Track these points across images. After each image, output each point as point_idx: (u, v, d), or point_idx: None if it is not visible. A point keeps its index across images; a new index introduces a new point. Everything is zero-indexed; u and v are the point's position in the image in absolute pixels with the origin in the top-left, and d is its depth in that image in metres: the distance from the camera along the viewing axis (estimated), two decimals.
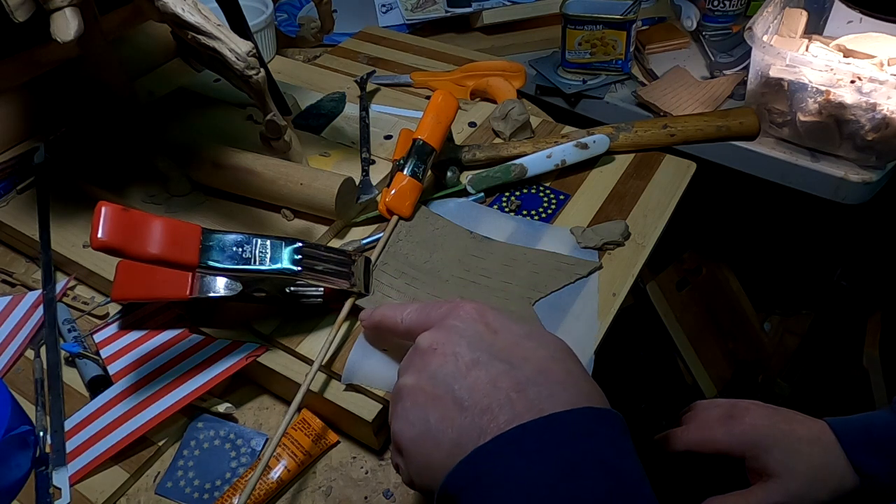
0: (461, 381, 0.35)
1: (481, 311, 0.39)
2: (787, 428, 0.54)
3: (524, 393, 0.34)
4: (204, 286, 0.54)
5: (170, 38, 0.85)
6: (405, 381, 0.38)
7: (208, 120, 0.75)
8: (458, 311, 0.39)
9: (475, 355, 0.36)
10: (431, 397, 0.36)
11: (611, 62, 1.11)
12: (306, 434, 0.52)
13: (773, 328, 1.41)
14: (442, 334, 0.38)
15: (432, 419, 0.35)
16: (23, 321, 0.61)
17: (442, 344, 0.37)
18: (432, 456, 0.35)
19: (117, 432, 0.51)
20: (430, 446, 0.35)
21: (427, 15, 1.20)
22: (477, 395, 0.34)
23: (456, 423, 0.34)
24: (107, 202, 0.42)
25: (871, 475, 0.51)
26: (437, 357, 0.37)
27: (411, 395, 0.37)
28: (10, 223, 0.66)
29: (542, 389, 0.34)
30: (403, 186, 0.62)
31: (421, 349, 0.38)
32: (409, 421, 0.36)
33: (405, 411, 0.36)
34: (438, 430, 0.35)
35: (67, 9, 0.49)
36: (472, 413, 0.34)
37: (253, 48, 0.53)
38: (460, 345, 0.37)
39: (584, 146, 0.69)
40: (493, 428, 0.33)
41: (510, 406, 0.34)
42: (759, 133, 0.70)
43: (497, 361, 0.36)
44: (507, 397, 0.34)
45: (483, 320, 0.38)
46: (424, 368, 0.37)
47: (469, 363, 0.36)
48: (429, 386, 0.36)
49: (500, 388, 0.34)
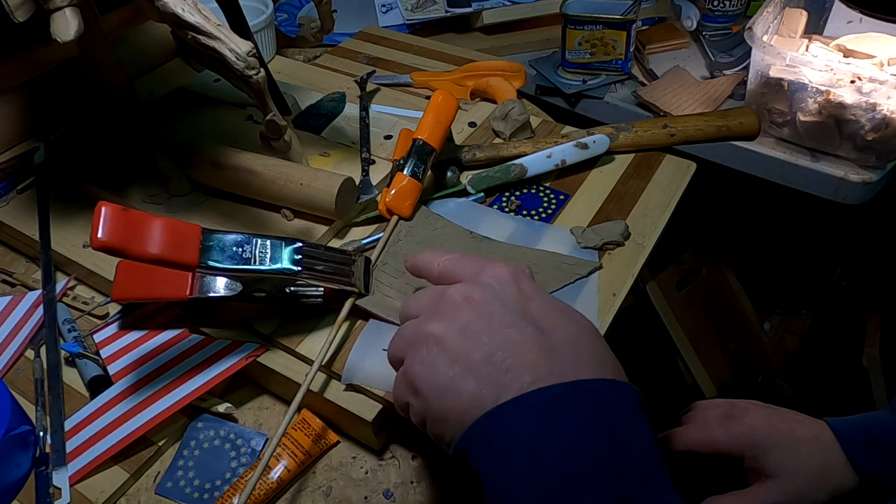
0: (491, 338, 0.36)
1: (516, 274, 0.40)
2: (786, 428, 0.54)
3: (551, 358, 0.35)
4: (204, 286, 0.54)
5: (170, 38, 0.85)
6: (432, 328, 0.37)
7: (208, 120, 0.76)
8: (495, 270, 0.40)
9: (508, 316, 0.37)
10: (459, 349, 0.36)
11: (611, 62, 1.11)
12: (306, 434, 0.52)
13: (773, 328, 1.41)
14: (477, 290, 0.38)
15: (457, 369, 0.36)
16: (23, 321, 0.61)
17: (476, 300, 0.38)
18: (450, 406, 0.35)
19: (117, 432, 0.51)
20: (450, 396, 0.35)
21: (427, 15, 1.20)
22: (504, 353, 0.35)
23: (479, 377, 0.35)
24: (107, 202, 0.42)
25: (871, 475, 0.51)
26: (470, 311, 0.37)
27: (438, 342, 0.37)
28: (10, 223, 0.66)
29: (569, 358, 0.35)
30: (403, 186, 0.62)
31: (453, 300, 0.38)
32: (433, 367, 0.36)
33: (431, 357, 0.37)
34: (461, 381, 0.35)
35: (67, 9, 0.49)
36: (497, 369, 0.35)
37: (253, 48, 0.53)
38: (494, 304, 0.37)
39: (584, 146, 0.69)
40: (515, 386, 0.34)
41: (535, 368, 0.34)
42: (759, 133, 0.70)
43: (528, 325, 0.36)
44: (534, 359, 0.35)
45: (517, 284, 0.39)
46: (455, 319, 0.37)
47: (501, 322, 0.36)
48: (458, 338, 0.36)
49: (528, 349, 0.35)
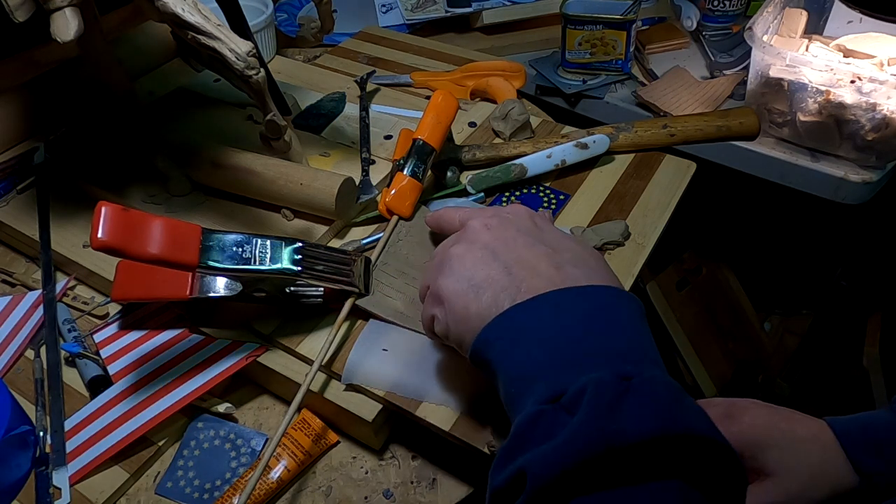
0: (509, 253, 0.41)
1: (530, 212, 0.45)
2: (785, 427, 0.54)
3: (562, 269, 0.39)
4: (204, 286, 0.54)
5: (170, 38, 0.85)
6: (455, 250, 0.42)
7: (208, 120, 0.75)
8: (512, 207, 0.45)
9: (524, 238, 0.42)
10: (480, 260, 0.41)
11: (611, 62, 1.11)
12: (306, 434, 0.52)
13: (773, 328, 1.41)
14: (495, 219, 0.43)
15: (478, 276, 0.40)
16: (23, 321, 0.61)
17: (494, 226, 0.43)
18: (471, 308, 0.40)
19: (117, 432, 0.51)
20: (471, 298, 0.40)
21: (427, 15, 1.20)
22: (521, 263, 0.40)
23: (498, 282, 0.39)
24: (107, 202, 0.42)
25: (871, 475, 0.51)
26: (489, 234, 0.42)
27: (461, 259, 0.41)
28: (10, 223, 0.66)
29: (579, 271, 0.40)
30: (403, 186, 0.62)
31: (473, 227, 0.43)
32: (455, 276, 0.41)
33: (452, 270, 0.41)
34: (481, 285, 0.40)
35: (67, 9, 0.49)
36: (514, 278, 0.39)
37: (253, 48, 0.53)
38: (510, 229, 0.42)
39: (584, 146, 0.69)
40: (531, 287, 0.38)
41: (548, 278, 0.39)
42: (759, 133, 0.70)
43: (542, 245, 0.41)
44: (546, 269, 0.39)
45: (532, 219, 0.44)
46: (476, 240, 0.42)
47: (519, 242, 0.41)
48: (479, 252, 0.41)
49: (541, 262, 0.40)
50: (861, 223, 1.27)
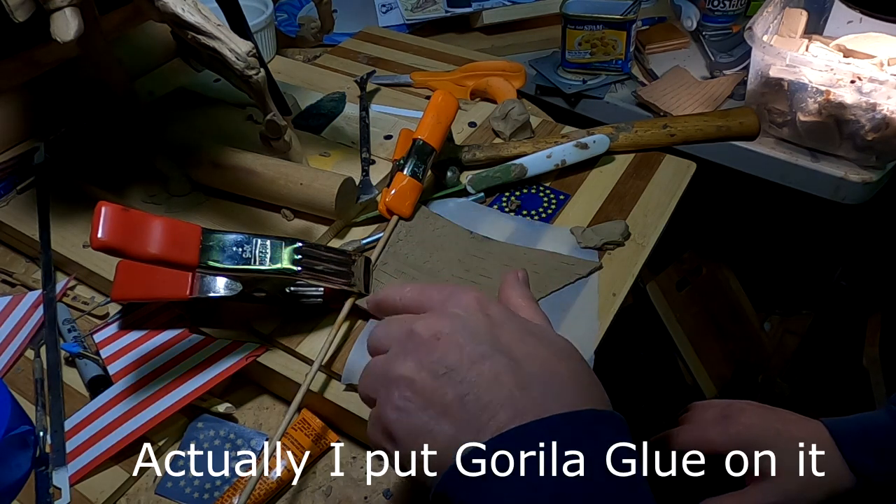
0: (463, 375, 0.34)
1: (482, 301, 0.37)
2: (782, 428, 0.54)
3: (527, 391, 0.33)
4: (204, 286, 0.54)
5: (170, 38, 0.85)
6: (403, 370, 0.35)
7: (208, 120, 0.76)
8: (459, 298, 0.38)
9: (479, 349, 0.35)
10: (431, 390, 0.34)
11: (611, 62, 1.11)
12: (306, 434, 0.52)
13: (773, 328, 1.41)
14: (445, 323, 0.36)
15: (431, 413, 0.34)
16: (23, 321, 0.61)
17: (445, 334, 0.35)
18: (425, 446, 0.34)
19: (117, 432, 0.51)
20: (426, 439, 0.34)
21: (427, 15, 1.20)
22: (479, 390, 0.33)
23: (455, 418, 0.33)
24: (107, 202, 0.42)
25: (868, 475, 0.51)
26: (439, 347, 0.35)
27: (410, 385, 0.35)
28: (10, 223, 0.66)
29: (547, 388, 0.34)
30: (403, 186, 0.62)
31: (421, 337, 0.36)
32: (406, 411, 0.34)
33: (403, 401, 0.35)
34: (436, 425, 0.34)
35: (67, 9, 0.49)
36: (473, 408, 0.33)
37: (253, 48, 0.53)
38: (464, 336, 0.35)
39: (584, 146, 0.69)
40: (492, 425, 0.32)
41: (512, 404, 0.33)
42: (759, 133, 0.70)
43: (501, 356, 0.34)
44: (509, 394, 0.33)
45: (484, 311, 0.37)
46: (426, 358, 0.35)
47: (473, 357, 0.34)
48: (430, 378, 0.34)
49: (503, 384, 0.33)
50: (861, 223, 1.27)
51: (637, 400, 1.26)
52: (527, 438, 0.32)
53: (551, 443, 0.31)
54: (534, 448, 0.31)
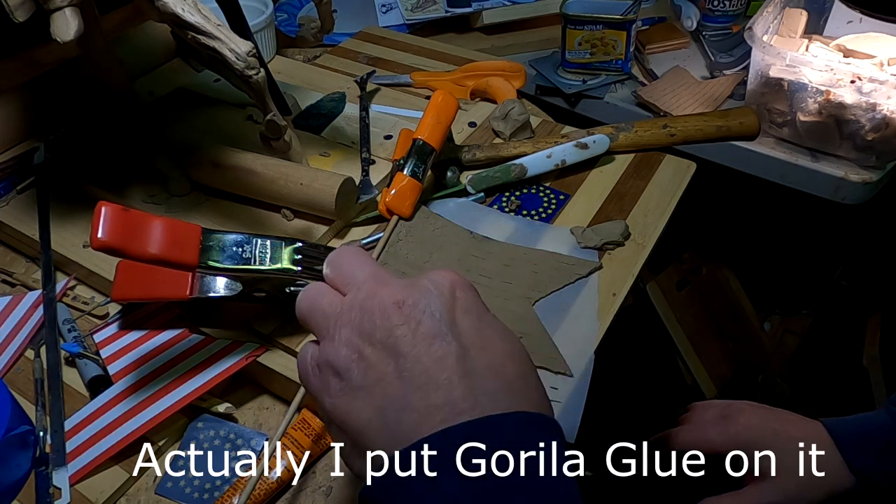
0: (408, 350, 0.33)
1: (455, 283, 0.36)
2: (780, 428, 0.54)
3: (467, 379, 0.32)
4: (204, 286, 0.54)
5: (170, 38, 0.85)
6: (354, 327, 0.35)
7: (208, 120, 0.76)
8: (436, 274, 0.36)
9: (434, 327, 0.33)
10: (375, 358, 0.33)
11: (611, 62, 1.11)
12: (306, 434, 0.52)
13: (773, 328, 1.41)
14: (411, 293, 0.35)
15: (369, 378, 0.33)
16: (23, 321, 0.61)
17: (408, 304, 0.34)
18: (352, 414, 0.33)
19: (117, 432, 0.51)
20: (356, 406, 0.33)
21: (427, 15, 1.20)
22: (419, 367, 0.32)
23: (387, 391, 0.33)
24: (107, 202, 0.42)
25: (868, 475, 0.51)
26: (396, 316, 0.34)
27: (357, 347, 0.34)
28: (10, 223, 0.66)
29: (487, 383, 0.33)
30: (403, 186, 0.62)
31: (383, 300, 0.35)
32: (347, 371, 0.34)
33: (346, 361, 0.34)
34: (368, 392, 0.33)
35: (67, 9, 0.49)
36: (407, 386, 0.32)
37: (253, 48, 0.53)
38: (425, 311, 0.34)
39: (584, 146, 0.69)
40: (421, 407, 0.32)
41: (447, 388, 0.32)
42: (759, 133, 0.70)
43: (452, 340, 0.33)
44: (447, 379, 0.32)
45: (453, 293, 0.36)
46: (380, 321, 0.34)
47: (425, 334, 0.33)
48: (378, 345, 0.34)
49: (444, 367, 0.32)
50: (861, 223, 1.27)
51: (637, 400, 1.26)
52: (451, 445, 0.31)
53: (480, 443, 0.30)
54: (457, 449, 0.30)
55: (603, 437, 0.88)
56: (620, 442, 0.81)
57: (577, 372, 0.52)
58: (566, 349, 0.53)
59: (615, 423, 1.10)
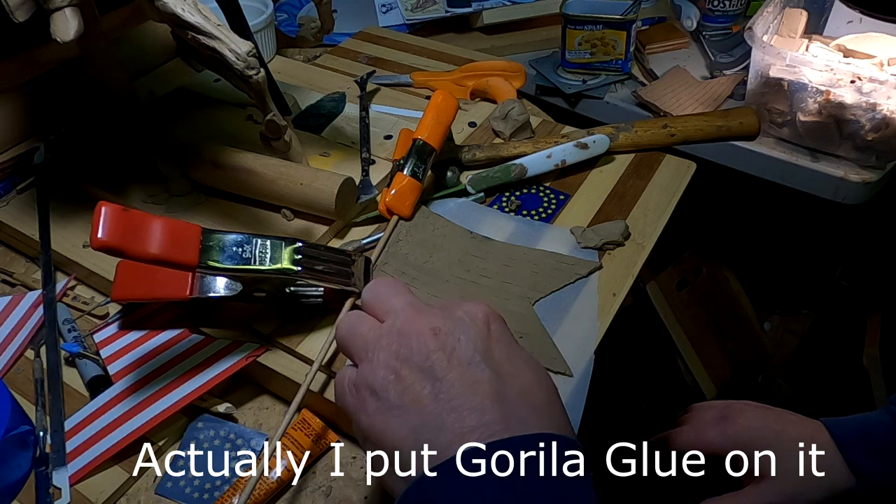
0: (444, 374, 0.35)
1: (488, 314, 0.38)
2: (780, 428, 0.54)
3: (499, 404, 0.34)
4: (204, 286, 0.54)
5: (170, 38, 0.85)
6: (393, 351, 0.36)
7: (208, 120, 0.76)
8: (469, 305, 0.39)
9: (468, 355, 0.36)
10: (412, 380, 0.35)
11: (611, 62, 1.11)
12: (306, 434, 0.52)
13: (773, 328, 1.41)
14: (447, 322, 0.37)
15: (405, 399, 0.35)
16: (23, 321, 0.61)
17: (444, 332, 0.36)
18: (388, 432, 0.35)
19: (117, 432, 0.51)
20: (392, 424, 0.35)
21: (427, 15, 1.20)
22: (454, 391, 0.34)
23: (422, 412, 0.34)
24: (107, 202, 0.42)
25: (868, 475, 0.51)
26: (433, 343, 0.36)
27: (395, 369, 0.36)
28: (10, 223, 0.66)
29: (518, 409, 0.34)
30: (403, 186, 0.62)
31: (420, 326, 0.37)
32: (384, 391, 0.36)
33: (383, 382, 0.36)
34: (403, 413, 0.35)
35: (67, 9, 0.49)
36: (442, 407, 0.34)
37: (253, 48, 0.53)
38: (459, 339, 0.36)
39: (584, 146, 0.69)
40: (456, 428, 0.33)
41: (480, 412, 0.33)
42: (759, 133, 0.70)
43: (486, 367, 0.35)
44: (480, 403, 0.34)
45: (487, 324, 0.38)
46: (417, 347, 0.36)
47: (460, 360, 0.35)
48: (415, 367, 0.35)
49: (478, 392, 0.34)
50: (861, 223, 1.27)
51: (637, 400, 1.26)
52: (487, 456, 0.32)
53: (507, 462, 0.32)
54: (490, 466, 0.32)
55: (603, 437, 0.88)
56: (620, 442, 0.81)
57: (577, 372, 0.52)
58: (566, 349, 0.53)
59: (615, 423, 1.10)
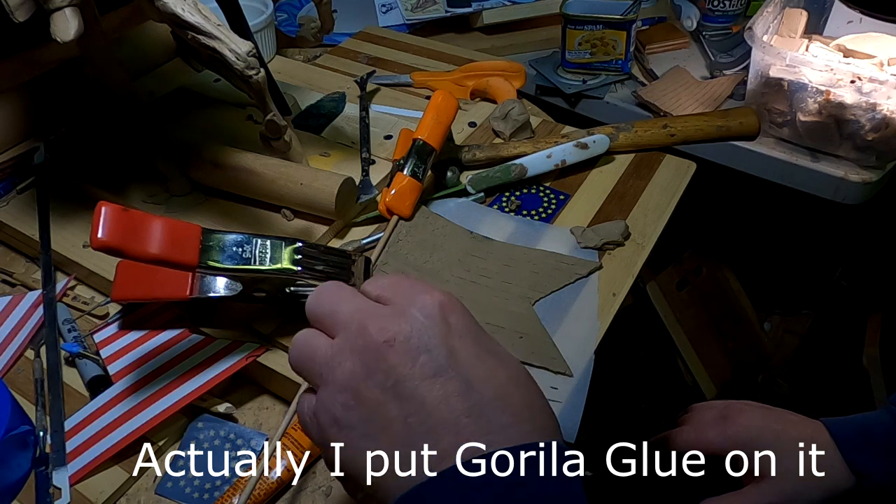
0: (411, 391, 0.31)
1: (445, 306, 0.34)
2: (780, 428, 0.54)
3: (476, 419, 0.31)
4: (204, 286, 0.54)
5: (170, 38, 0.85)
6: (349, 370, 0.32)
7: (208, 120, 0.76)
8: (423, 300, 0.34)
9: (433, 363, 0.32)
10: (376, 403, 0.32)
11: (611, 62, 1.11)
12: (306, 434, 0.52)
13: (773, 328, 1.41)
14: (401, 326, 0.33)
15: (370, 427, 0.32)
16: (23, 321, 0.61)
17: (399, 341, 0.32)
18: (360, 468, 0.32)
19: (117, 432, 0.51)
20: (359, 459, 0.32)
21: (427, 15, 1.20)
22: (425, 410, 0.31)
23: (393, 440, 0.31)
24: (107, 202, 0.42)
25: (868, 475, 0.51)
26: (391, 355, 0.32)
27: (355, 393, 0.32)
28: (10, 223, 0.66)
29: (495, 418, 0.31)
30: (403, 186, 0.62)
31: (373, 338, 0.32)
32: (346, 422, 0.32)
33: (344, 410, 0.32)
34: (372, 442, 0.32)
35: (67, 9, 0.49)
36: (415, 431, 0.31)
37: (253, 48, 0.53)
38: (418, 345, 0.32)
39: (584, 146, 0.69)
40: (432, 451, 0.30)
41: (456, 430, 0.31)
42: (759, 133, 0.70)
43: (454, 375, 0.32)
44: (455, 420, 0.31)
45: (445, 318, 0.34)
46: (375, 364, 0.32)
47: (425, 372, 0.32)
48: (376, 388, 0.32)
49: (452, 407, 0.31)
50: (861, 223, 1.27)
51: (637, 400, 1.26)
52: (463, 483, 0.30)
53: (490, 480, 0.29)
54: (470, 488, 0.30)
55: (603, 437, 0.88)
56: (620, 442, 0.81)
57: (577, 372, 0.52)
58: (566, 349, 0.53)
59: (615, 423, 1.10)
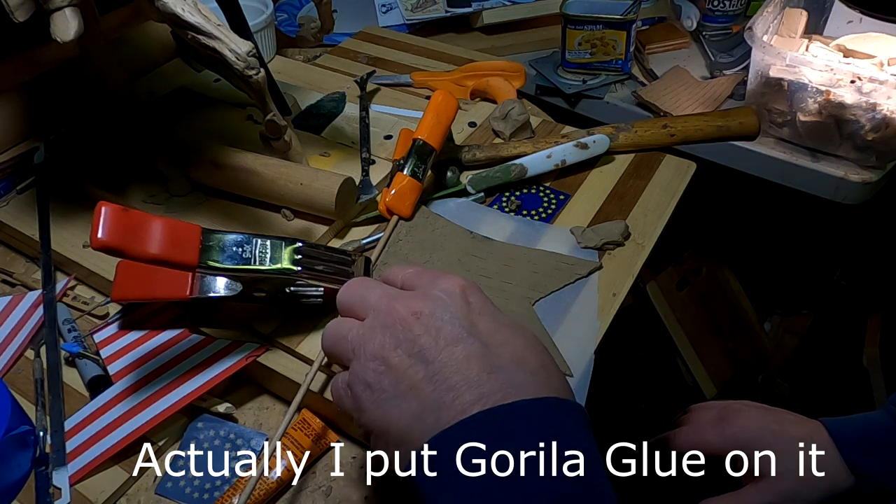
0: (435, 356, 0.35)
1: (465, 288, 0.39)
2: (778, 428, 0.54)
3: (495, 374, 0.34)
4: (204, 286, 0.54)
5: (170, 38, 0.85)
6: (379, 343, 0.36)
7: (208, 120, 0.76)
8: (444, 282, 0.39)
9: (455, 332, 0.36)
10: (404, 367, 0.35)
11: (611, 62, 1.11)
12: (306, 434, 0.52)
13: (773, 328, 1.41)
14: (426, 303, 0.37)
15: (401, 388, 0.35)
16: (23, 321, 0.61)
17: (425, 314, 0.36)
18: (393, 424, 0.35)
19: (117, 432, 0.51)
20: (393, 414, 0.35)
21: (427, 15, 1.20)
22: (448, 370, 0.34)
23: (421, 397, 0.35)
24: (107, 202, 0.42)
25: (868, 475, 0.51)
26: (417, 326, 0.36)
27: (385, 360, 0.36)
28: (10, 223, 0.66)
29: (514, 376, 0.35)
30: (403, 186, 0.62)
31: (400, 313, 0.37)
32: (378, 385, 0.36)
33: (376, 375, 0.36)
34: (404, 401, 0.35)
35: (67, 9, 0.49)
36: (439, 388, 0.34)
37: (253, 48, 0.53)
38: (442, 318, 0.36)
39: (584, 146, 0.69)
40: (457, 405, 0.34)
41: (478, 386, 0.34)
42: (759, 133, 0.70)
43: (475, 340, 0.36)
44: (477, 377, 0.34)
45: (465, 298, 0.38)
46: (402, 335, 0.36)
47: (448, 339, 0.36)
48: (404, 355, 0.36)
49: (472, 366, 0.35)
50: (861, 223, 1.27)
51: (637, 400, 1.26)
52: (490, 425, 0.33)
53: (517, 425, 0.33)
54: (499, 433, 0.33)
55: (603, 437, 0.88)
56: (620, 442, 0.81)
57: (577, 372, 0.52)
58: (566, 349, 0.53)
59: (615, 423, 1.10)
